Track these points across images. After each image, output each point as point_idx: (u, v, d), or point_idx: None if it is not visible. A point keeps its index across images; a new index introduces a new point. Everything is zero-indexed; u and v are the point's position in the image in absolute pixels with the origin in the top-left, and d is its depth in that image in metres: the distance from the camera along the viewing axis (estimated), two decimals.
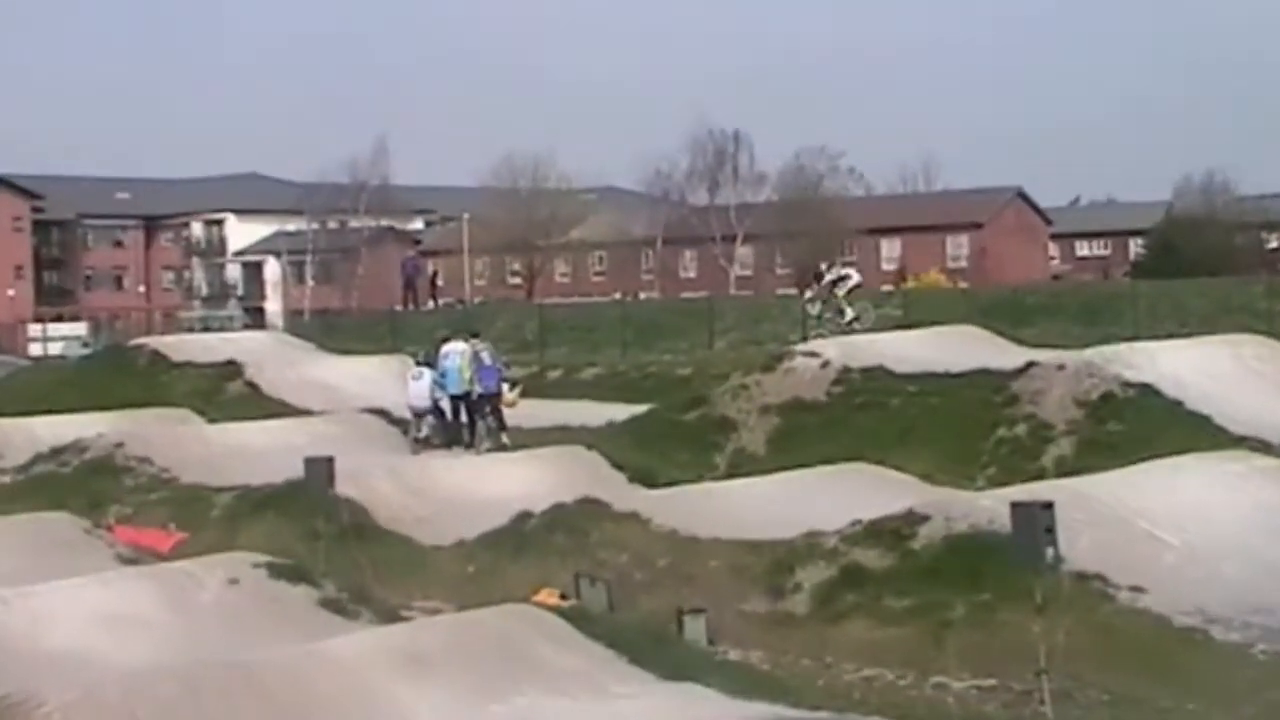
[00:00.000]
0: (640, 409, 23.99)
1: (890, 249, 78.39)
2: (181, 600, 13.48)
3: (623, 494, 18.93)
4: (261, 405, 27.24)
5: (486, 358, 22.62)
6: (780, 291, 56.07)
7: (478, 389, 22.47)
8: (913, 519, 14.85)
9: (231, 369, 29.67)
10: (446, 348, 23.58)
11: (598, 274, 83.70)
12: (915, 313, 29.52)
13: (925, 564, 14.19)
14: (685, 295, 60.65)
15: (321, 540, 16.54)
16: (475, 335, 23.56)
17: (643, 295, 68.75)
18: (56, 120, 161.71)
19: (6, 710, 9.63)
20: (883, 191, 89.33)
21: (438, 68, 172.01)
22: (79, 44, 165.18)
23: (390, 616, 14.04)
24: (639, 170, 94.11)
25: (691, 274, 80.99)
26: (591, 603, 14.87)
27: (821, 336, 26.59)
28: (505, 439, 22.43)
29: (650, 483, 20.09)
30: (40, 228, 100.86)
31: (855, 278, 29.13)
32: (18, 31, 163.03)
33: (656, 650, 12.11)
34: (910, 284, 53.51)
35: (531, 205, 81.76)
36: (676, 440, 22.17)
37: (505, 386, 23.15)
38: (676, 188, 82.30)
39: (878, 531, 14.87)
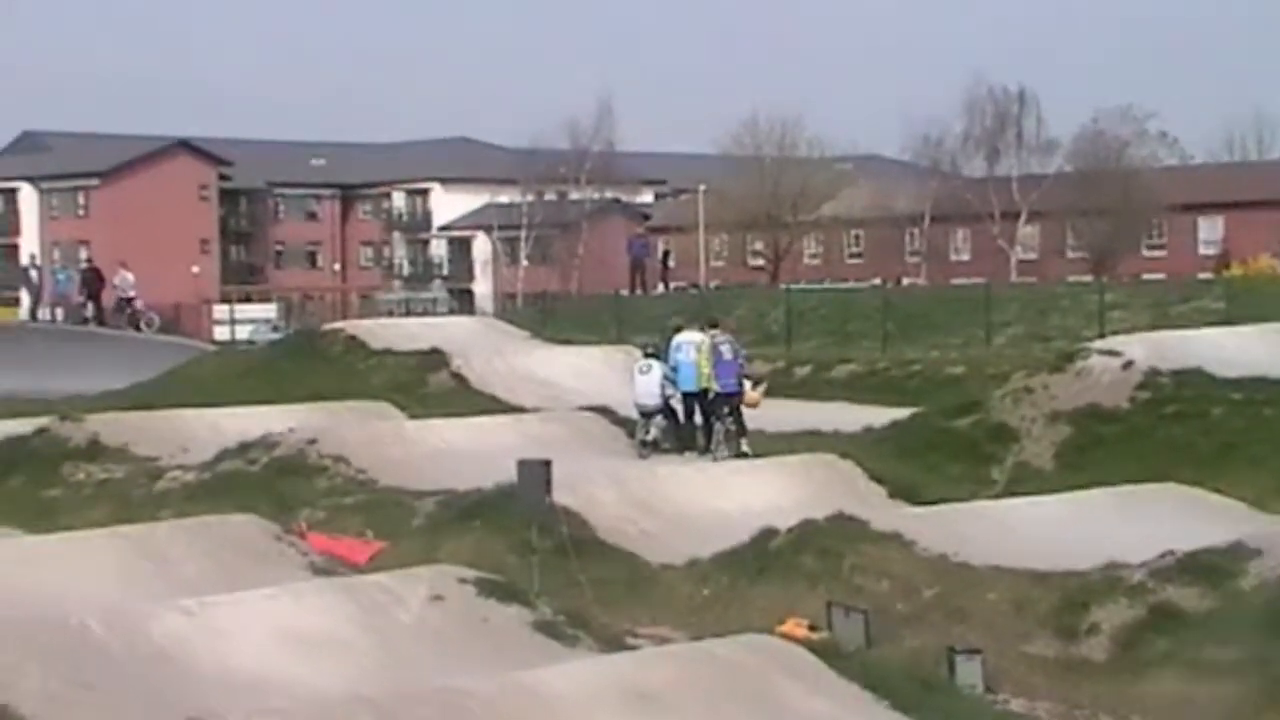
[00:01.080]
0: (903, 413, 23.73)
1: (1210, 229, 76.01)
2: (379, 618, 13.81)
3: (883, 511, 18.75)
4: (469, 400, 27.73)
5: (726, 351, 22.59)
6: (1072, 278, 54.89)
7: (715, 387, 22.47)
8: (1241, 553, 14.37)
9: (436, 359, 30.26)
10: (679, 338, 23.59)
11: (853, 255, 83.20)
12: (1241, 306, 28.58)
13: (1256, 608, 13.72)
14: (957, 281, 59.78)
15: (535, 555, 16.75)
16: (713, 325, 23.53)
17: (906, 281, 68.10)
18: (246, 79, 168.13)
19: None
20: (1202, 160, 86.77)
21: (670, 18, 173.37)
22: None
23: (613, 644, 14.15)
24: (903, 136, 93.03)
25: (965, 256, 79.94)
26: (846, 637, 14.77)
27: None
28: (745, 445, 22.39)
29: (915, 499, 19.86)
30: (227, 197, 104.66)
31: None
32: None
33: (923, 695, 11.96)
34: (1235, 271, 51.85)
35: (778, 176, 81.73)
36: (946, 450, 21.88)
37: (747, 384, 23.11)
38: (948, 156, 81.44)
39: (1195, 566, 14.43)
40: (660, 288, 45.17)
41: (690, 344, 23.21)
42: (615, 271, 61.21)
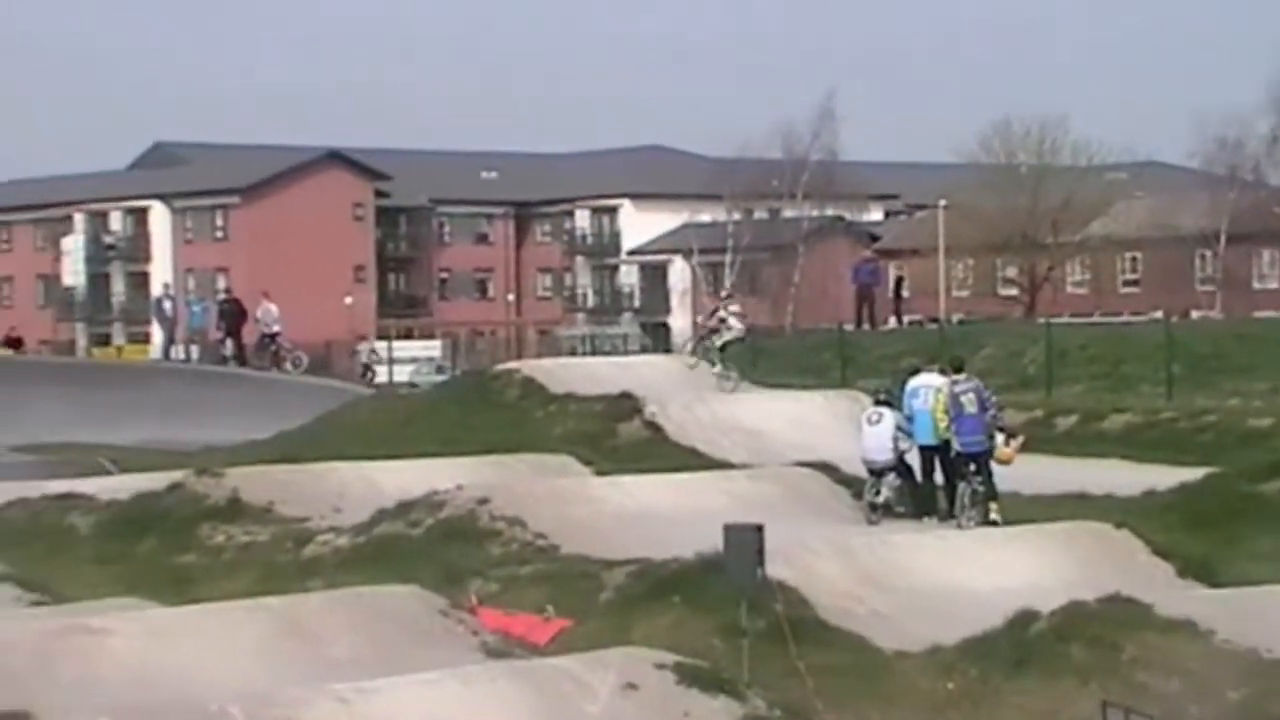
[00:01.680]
0: (1194, 474, 23.30)
1: None
2: (563, 709, 13.92)
3: (1171, 593, 18.41)
4: (665, 454, 27.80)
5: (969, 403, 22.42)
6: None
7: (956, 443, 22.33)
8: None
9: (626, 405, 30.40)
10: (915, 382, 23.48)
11: (1129, 283, 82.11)
12: None
13: None
14: (1262, 314, 58.65)
15: (745, 637, 16.72)
16: (957, 368, 23.38)
17: (1196, 314, 66.92)
18: (405, 82, 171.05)
19: None
20: None
21: (901, 7, 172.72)
22: None
23: None
24: (1192, 139, 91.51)
25: (1271, 284, 78.34)
26: None
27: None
28: (996, 511, 22.15)
29: (1211, 579, 19.46)
30: (385, 216, 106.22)
31: (737, 328, 31.96)
32: None
33: None
34: None
35: (1035, 188, 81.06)
36: (1251, 520, 21.39)
37: (999, 437, 22.89)
38: (1250, 163, 79.87)
39: None
40: (892, 321, 44.97)
41: (929, 389, 23.06)
42: (838, 303, 61.09)
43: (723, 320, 32.84)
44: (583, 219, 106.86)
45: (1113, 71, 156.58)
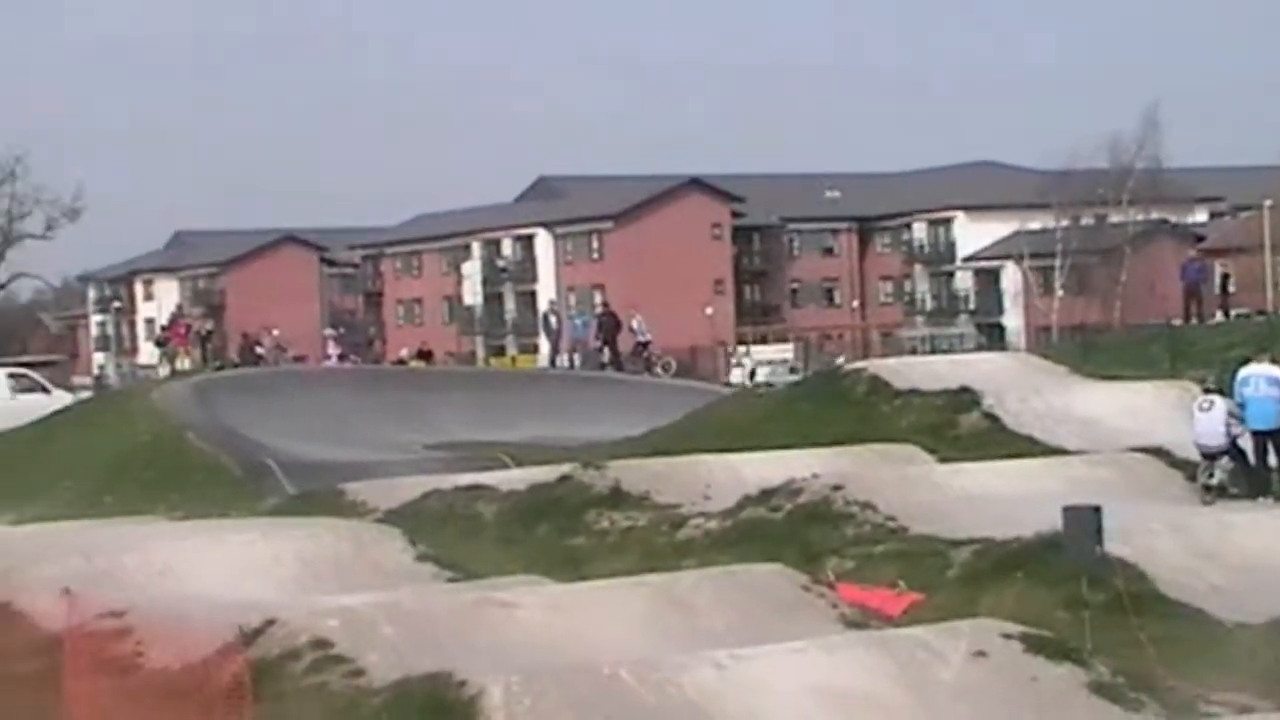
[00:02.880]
0: None
1: None
2: (918, 675, 13.78)
3: None
4: (1003, 442, 27.33)
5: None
6: None
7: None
8: None
9: (966, 398, 29.94)
10: (1246, 371, 23.06)
11: None
12: None
13: None
14: None
15: (1087, 610, 16.35)
16: None
17: None
18: (754, 114, 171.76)
19: None
20: None
21: (1221, 19, 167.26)
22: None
23: (1184, 711, 13.67)
24: None
25: None
26: None
27: None
28: None
29: None
30: (740, 235, 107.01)
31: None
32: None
33: None
34: None
35: None
36: None
37: None
38: None
39: None
40: (1219, 316, 43.53)
41: (1260, 377, 22.60)
42: (1163, 299, 59.39)
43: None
44: (920, 230, 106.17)
45: None
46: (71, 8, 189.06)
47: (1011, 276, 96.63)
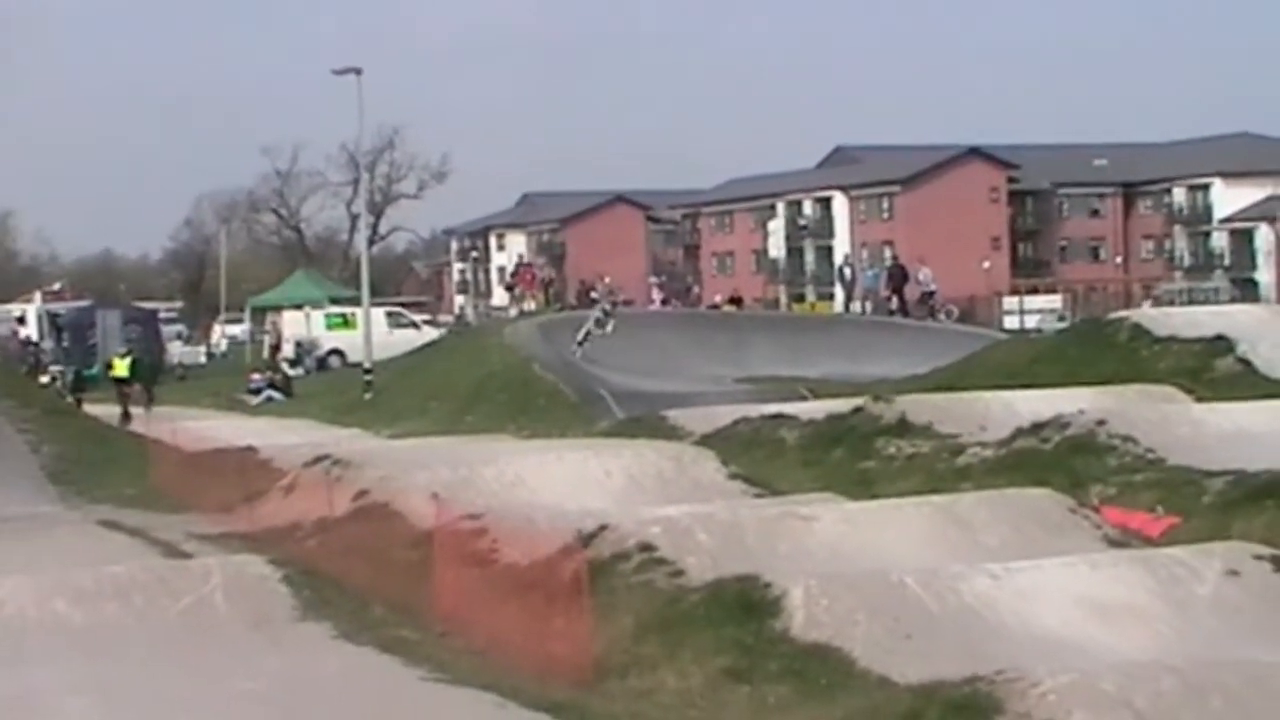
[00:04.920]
0: None
1: None
2: (1175, 590, 13.35)
3: None
4: (1256, 385, 26.22)
5: None
6: None
7: None
8: None
9: (1221, 345, 28.80)
10: None
11: None
12: None
13: None
14: None
15: None
16: None
17: None
18: (1031, 87, 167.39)
19: (1002, 685, 10.02)
20: None
21: None
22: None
23: None
24: None
25: None
26: None
27: None
28: None
29: None
30: (1015, 198, 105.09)
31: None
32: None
33: None
34: None
35: None
36: None
37: None
38: None
39: None
40: None
41: None
42: None
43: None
44: (1180, 195, 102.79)
45: None
46: (432, 5, 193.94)
47: (1265, 236, 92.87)
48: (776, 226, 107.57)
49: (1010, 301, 76.55)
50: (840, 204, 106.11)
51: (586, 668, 12.35)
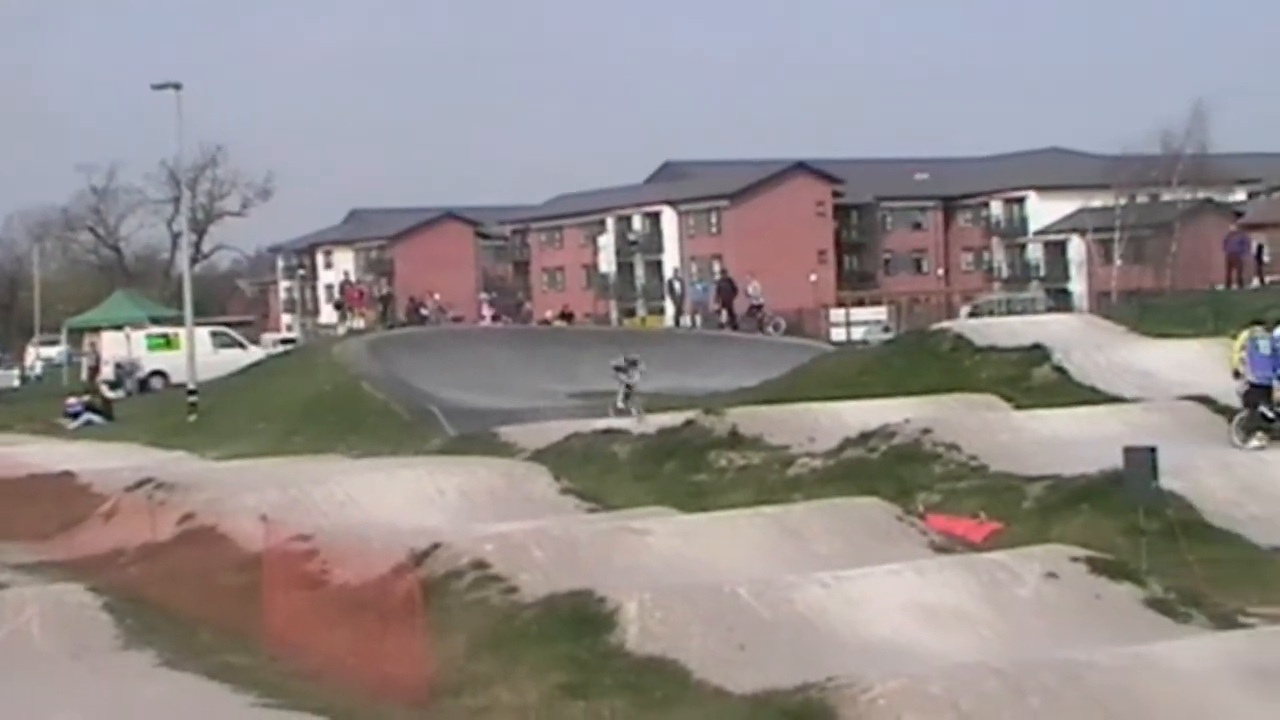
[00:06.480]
0: None
1: None
2: (998, 593, 13.68)
3: None
4: (1071, 392, 27.01)
5: (1264, 345, 21.78)
6: None
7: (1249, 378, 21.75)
8: None
9: (1038, 354, 29.61)
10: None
11: None
12: None
13: None
14: None
15: (1143, 536, 16.16)
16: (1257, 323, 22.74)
17: None
18: (855, 103, 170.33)
19: (834, 692, 10.18)
20: None
21: (1260, 18, 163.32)
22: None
23: (1226, 622, 13.47)
24: None
25: None
26: None
27: None
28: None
29: None
30: (841, 212, 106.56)
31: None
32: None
33: None
34: None
35: None
36: None
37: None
38: None
39: None
40: (1256, 282, 42.73)
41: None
42: (1210, 268, 58.27)
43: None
44: (997, 208, 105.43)
45: None
46: (259, 24, 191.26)
47: (1077, 248, 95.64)
48: (606, 242, 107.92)
49: (837, 314, 77.52)
50: (669, 219, 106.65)
51: (421, 687, 12.25)
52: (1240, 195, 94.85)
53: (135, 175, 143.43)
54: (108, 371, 50.87)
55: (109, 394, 46.33)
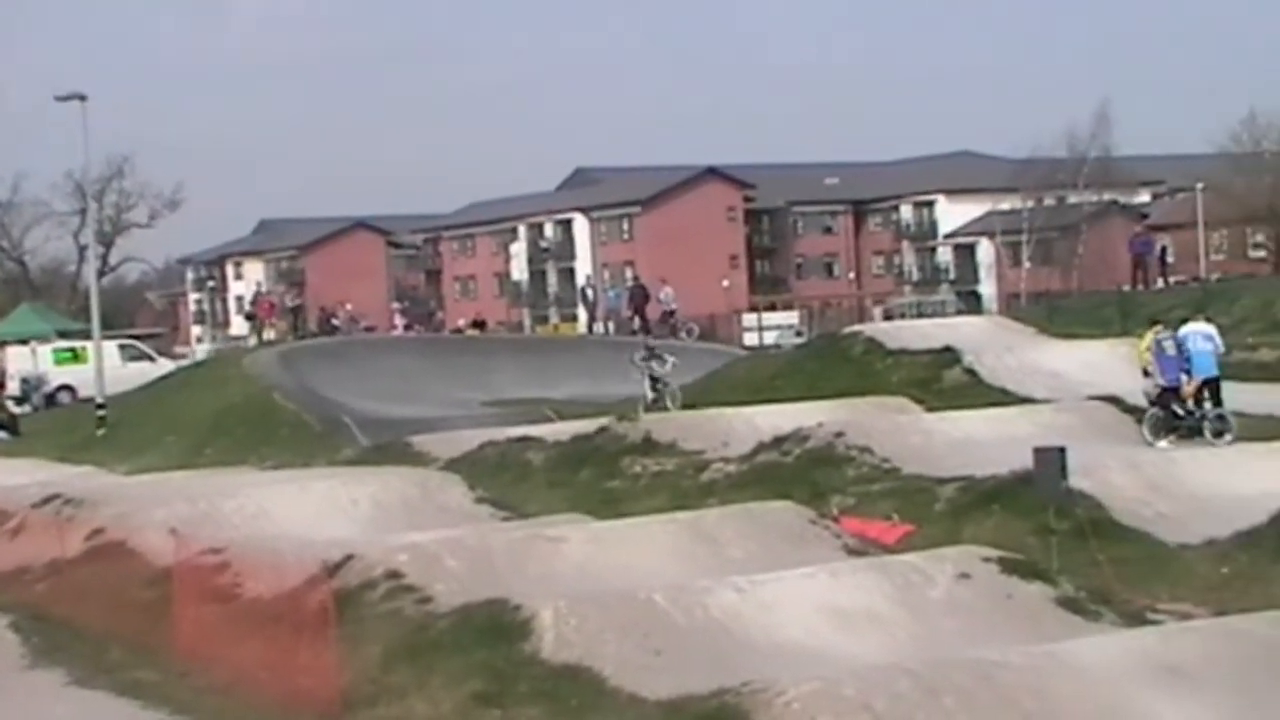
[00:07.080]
0: None
1: None
2: (911, 595, 13.76)
3: None
4: (981, 393, 27.26)
5: (1169, 347, 22.08)
6: None
7: (1159, 380, 22.06)
8: None
9: (949, 356, 29.87)
10: (1185, 330, 22.99)
11: None
12: None
13: None
14: None
15: (1054, 536, 16.32)
16: (1154, 323, 23.27)
17: None
18: (765, 108, 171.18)
19: (749, 696, 10.19)
20: None
21: (1163, 26, 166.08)
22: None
23: (1135, 619, 13.64)
24: None
25: None
26: None
27: None
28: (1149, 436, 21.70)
29: None
30: (752, 216, 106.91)
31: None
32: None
33: None
34: None
35: (1278, 170, 77.23)
36: None
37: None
38: None
39: None
40: (1160, 283, 43.41)
41: (1198, 334, 22.73)
42: (1116, 269, 59.07)
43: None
44: (907, 212, 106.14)
45: None
46: (164, 30, 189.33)
47: (986, 250, 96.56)
48: (518, 249, 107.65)
49: (749, 318, 77.90)
50: (581, 225, 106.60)
51: (334, 699, 12.15)
52: (1145, 197, 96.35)
53: (40, 187, 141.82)
54: (13, 386, 50.01)
55: (15, 409, 45.56)
